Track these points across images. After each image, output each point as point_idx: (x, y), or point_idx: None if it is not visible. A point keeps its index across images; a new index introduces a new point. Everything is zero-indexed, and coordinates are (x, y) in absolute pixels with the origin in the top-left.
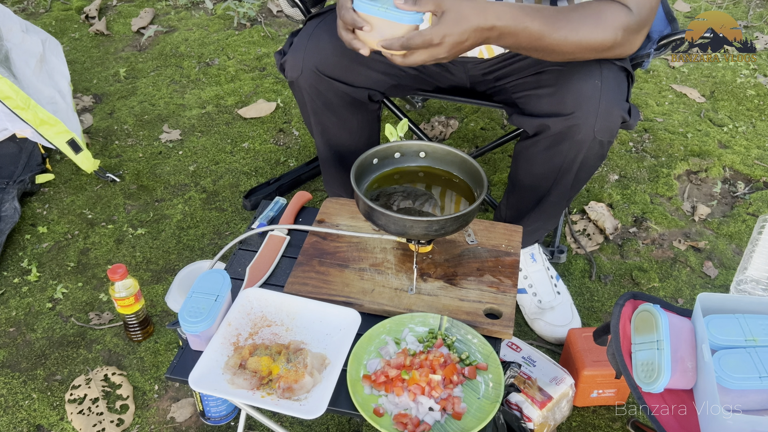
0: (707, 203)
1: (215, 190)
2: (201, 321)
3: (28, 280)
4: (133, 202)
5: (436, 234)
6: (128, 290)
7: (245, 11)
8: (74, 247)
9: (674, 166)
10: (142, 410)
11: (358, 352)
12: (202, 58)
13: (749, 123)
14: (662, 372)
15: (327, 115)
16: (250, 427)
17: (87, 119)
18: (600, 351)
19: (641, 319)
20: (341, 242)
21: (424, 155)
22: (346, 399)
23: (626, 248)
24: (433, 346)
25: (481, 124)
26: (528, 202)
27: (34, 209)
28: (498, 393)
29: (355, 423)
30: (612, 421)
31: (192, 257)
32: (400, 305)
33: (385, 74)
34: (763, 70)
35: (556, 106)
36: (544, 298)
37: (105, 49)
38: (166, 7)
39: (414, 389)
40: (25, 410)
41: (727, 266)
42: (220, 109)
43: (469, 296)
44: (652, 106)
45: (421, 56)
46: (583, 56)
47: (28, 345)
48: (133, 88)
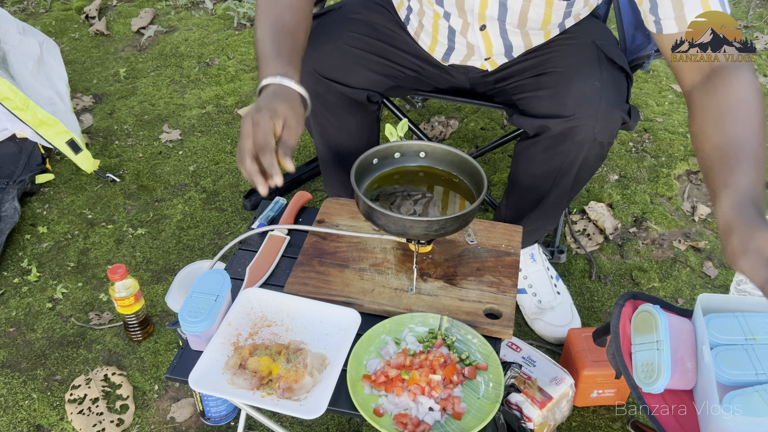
0: (707, 203)
1: (215, 190)
2: (201, 321)
3: (28, 280)
4: (133, 202)
5: (436, 234)
6: (128, 290)
7: (245, 11)
8: (74, 247)
9: (674, 166)
10: (142, 410)
11: (358, 352)
12: (202, 58)
13: None
14: (662, 372)
15: (326, 116)
16: (250, 427)
17: (87, 119)
18: (600, 351)
19: (641, 320)
20: (341, 242)
21: (424, 155)
22: (346, 399)
23: (626, 248)
24: (433, 346)
25: (481, 124)
26: (528, 202)
27: (34, 209)
28: (498, 393)
29: (355, 423)
30: (612, 421)
31: (192, 257)
32: (400, 305)
33: (383, 75)
34: (763, 70)
35: (557, 107)
36: (544, 298)
37: (105, 49)
38: (166, 7)
39: (414, 389)
40: (25, 410)
41: (727, 266)
42: (220, 109)
43: (469, 296)
44: (652, 106)
45: None
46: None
47: (28, 345)
48: (133, 88)
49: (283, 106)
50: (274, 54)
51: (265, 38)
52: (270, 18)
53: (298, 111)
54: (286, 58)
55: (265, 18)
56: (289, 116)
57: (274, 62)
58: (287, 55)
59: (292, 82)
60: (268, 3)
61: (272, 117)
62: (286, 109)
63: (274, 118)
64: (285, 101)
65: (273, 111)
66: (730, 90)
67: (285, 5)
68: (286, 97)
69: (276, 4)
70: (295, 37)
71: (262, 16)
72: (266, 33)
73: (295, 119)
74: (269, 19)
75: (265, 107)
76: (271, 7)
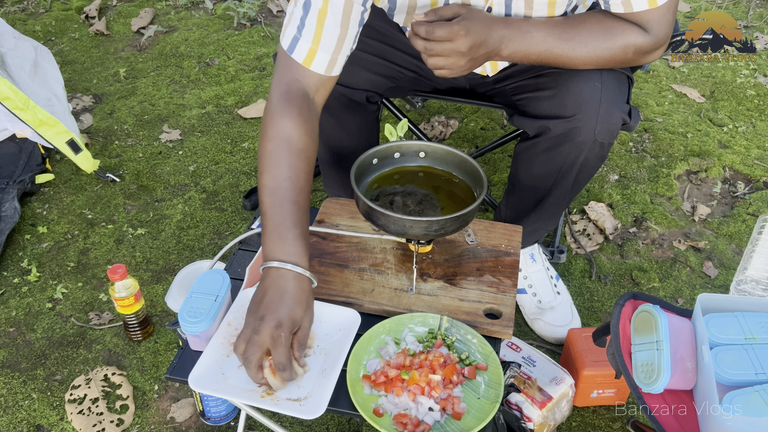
0: (707, 203)
1: (215, 190)
2: (201, 321)
3: (28, 280)
4: (133, 202)
5: (436, 234)
6: (128, 290)
7: (245, 11)
8: (74, 247)
9: (674, 166)
10: (142, 410)
11: (358, 352)
12: (202, 58)
13: (749, 123)
14: (662, 372)
15: (325, 117)
16: (250, 427)
17: (87, 119)
18: (600, 351)
19: (641, 320)
20: (341, 242)
21: (424, 155)
22: (346, 399)
23: (626, 248)
24: (433, 346)
25: (481, 124)
26: (528, 202)
27: (34, 209)
28: (498, 393)
29: (355, 423)
30: (612, 421)
31: (192, 257)
32: (399, 305)
33: (383, 76)
34: (763, 70)
35: (557, 108)
36: (543, 298)
37: (105, 49)
38: (166, 7)
39: (414, 389)
40: (25, 410)
41: (727, 266)
42: (220, 109)
43: (469, 296)
44: (652, 106)
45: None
46: (591, 68)
47: (28, 345)
48: (133, 88)
49: (299, 311)
50: (278, 222)
51: (268, 200)
52: (274, 169)
53: (311, 307)
54: (296, 234)
55: (272, 173)
56: (305, 320)
57: (280, 238)
58: (294, 222)
59: (306, 271)
60: (277, 154)
61: (291, 331)
62: (302, 313)
63: (292, 328)
64: (301, 304)
65: (292, 322)
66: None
67: (295, 153)
68: (301, 294)
69: (284, 157)
70: (302, 204)
71: (270, 169)
72: (269, 193)
73: (308, 319)
74: (277, 180)
75: (285, 318)
76: (279, 159)
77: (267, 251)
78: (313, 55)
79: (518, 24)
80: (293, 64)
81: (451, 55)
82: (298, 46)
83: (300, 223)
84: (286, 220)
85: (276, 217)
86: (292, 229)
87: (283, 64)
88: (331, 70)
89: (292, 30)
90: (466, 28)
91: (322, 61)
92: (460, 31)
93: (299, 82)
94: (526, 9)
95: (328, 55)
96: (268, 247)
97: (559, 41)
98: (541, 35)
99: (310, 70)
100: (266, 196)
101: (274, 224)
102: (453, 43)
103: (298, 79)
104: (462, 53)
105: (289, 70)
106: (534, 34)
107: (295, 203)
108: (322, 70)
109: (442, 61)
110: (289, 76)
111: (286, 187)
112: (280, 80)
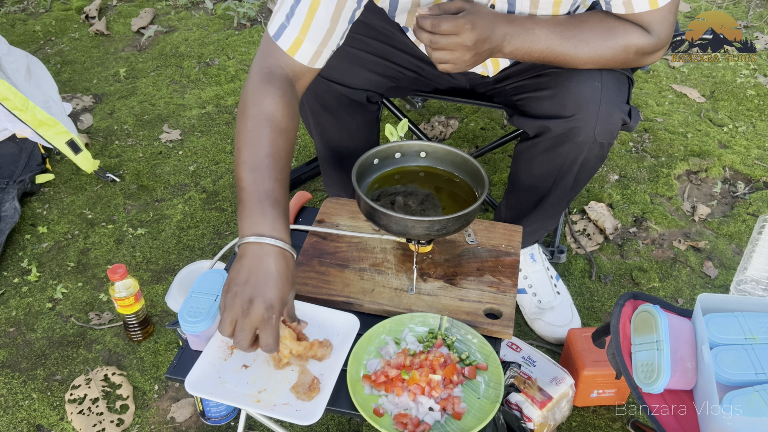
0: (707, 203)
1: (215, 190)
2: (201, 321)
3: (28, 280)
4: (133, 202)
5: (438, 234)
6: (128, 290)
7: (245, 11)
8: (74, 247)
9: (674, 166)
10: (142, 410)
11: (358, 352)
12: (202, 58)
13: (749, 123)
14: (662, 373)
15: (326, 117)
16: (250, 427)
17: (87, 119)
18: (600, 351)
19: (641, 320)
20: (341, 242)
21: (425, 155)
22: (346, 399)
23: (626, 248)
24: (433, 346)
25: (481, 124)
26: (528, 202)
27: (34, 209)
28: (498, 393)
29: (355, 423)
30: (612, 421)
31: (192, 257)
32: (400, 305)
33: (383, 76)
34: (763, 70)
35: (557, 108)
36: (543, 298)
37: (105, 49)
38: (166, 7)
39: (414, 389)
40: (25, 410)
41: (727, 266)
42: (220, 109)
43: (469, 296)
44: (652, 106)
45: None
46: (592, 67)
47: (28, 345)
48: (133, 88)
49: (287, 290)
50: (260, 197)
51: (248, 176)
52: (255, 146)
53: (295, 281)
54: (279, 211)
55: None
56: (291, 298)
57: (263, 213)
58: (276, 199)
59: (291, 248)
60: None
61: (281, 312)
62: (290, 291)
63: (282, 309)
64: (289, 282)
65: (282, 303)
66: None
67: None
68: (287, 271)
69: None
70: (284, 183)
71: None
72: (249, 168)
73: (294, 292)
74: (258, 156)
75: (276, 300)
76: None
77: (247, 226)
78: (298, 45)
79: (521, 21)
80: (277, 50)
81: (456, 49)
82: (284, 33)
83: (282, 202)
84: (269, 197)
85: (258, 193)
86: (275, 205)
87: (266, 49)
88: (315, 62)
89: (280, 17)
90: (472, 23)
91: (307, 52)
92: (466, 24)
93: (282, 68)
94: (531, 7)
95: (314, 46)
96: (248, 222)
97: (561, 39)
98: (544, 33)
99: (293, 59)
100: (246, 172)
101: (256, 200)
102: (459, 37)
103: (281, 65)
104: (467, 47)
105: (273, 55)
106: (536, 31)
107: (278, 180)
108: (306, 60)
109: (447, 54)
110: (271, 61)
111: (268, 164)
112: (262, 63)
